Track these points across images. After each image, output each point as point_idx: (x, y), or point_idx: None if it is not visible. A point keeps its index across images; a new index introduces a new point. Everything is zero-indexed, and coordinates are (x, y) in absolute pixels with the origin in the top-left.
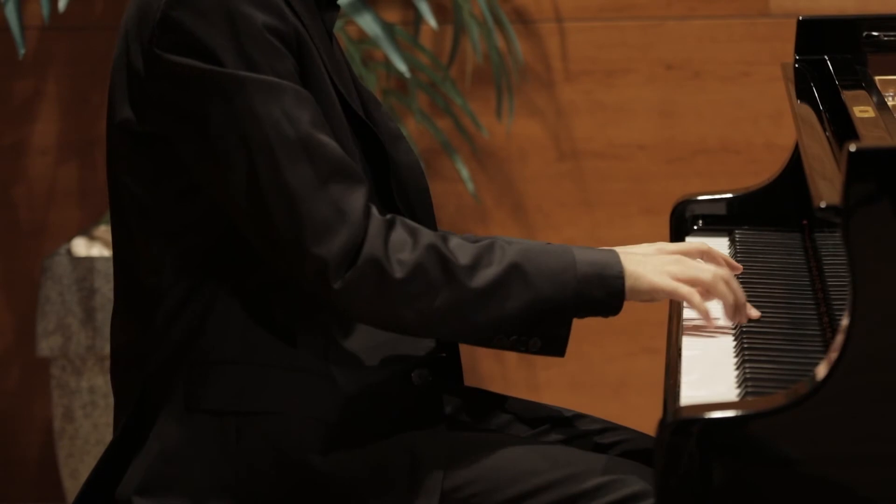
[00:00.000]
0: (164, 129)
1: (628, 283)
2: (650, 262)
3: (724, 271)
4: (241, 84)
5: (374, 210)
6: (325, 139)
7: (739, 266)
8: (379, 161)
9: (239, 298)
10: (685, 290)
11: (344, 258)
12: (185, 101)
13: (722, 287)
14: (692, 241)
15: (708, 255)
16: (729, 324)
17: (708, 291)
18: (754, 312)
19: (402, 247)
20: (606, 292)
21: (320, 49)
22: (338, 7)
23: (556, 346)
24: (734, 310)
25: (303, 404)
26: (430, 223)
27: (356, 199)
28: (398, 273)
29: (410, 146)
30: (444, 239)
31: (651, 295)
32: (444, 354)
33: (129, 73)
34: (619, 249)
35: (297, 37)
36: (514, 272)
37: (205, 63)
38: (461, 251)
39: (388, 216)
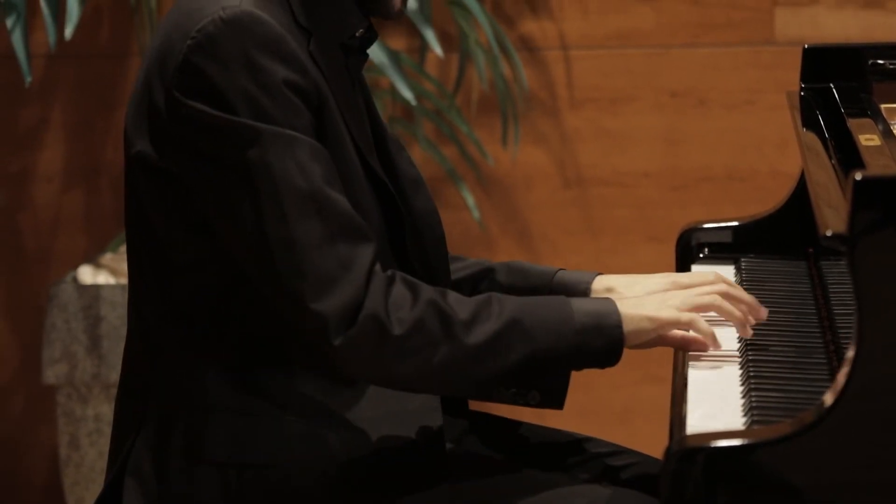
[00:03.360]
0: (179, 167)
1: (627, 327)
2: (649, 302)
3: (720, 287)
4: (257, 134)
5: (378, 268)
6: (336, 195)
7: (763, 310)
8: (395, 212)
9: (242, 343)
10: (686, 316)
11: (344, 315)
12: (200, 144)
13: (726, 305)
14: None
15: (728, 297)
16: (735, 348)
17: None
18: (763, 312)
19: (403, 303)
20: (605, 342)
21: (340, 103)
22: (366, 55)
23: (555, 398)
24: (743, 322)
25: (304, 455)
26: (445, 272)
27: (362, 257)
28: (397, 330)
29: (429, 193)
30: (444, 294)
31: (653, 332)
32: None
33: (149, 108)
34: (629, 279)
35: (318, 92)
36: (513, 326)
37: (221, 111)
38: (460, 306)
39: (389, 272)
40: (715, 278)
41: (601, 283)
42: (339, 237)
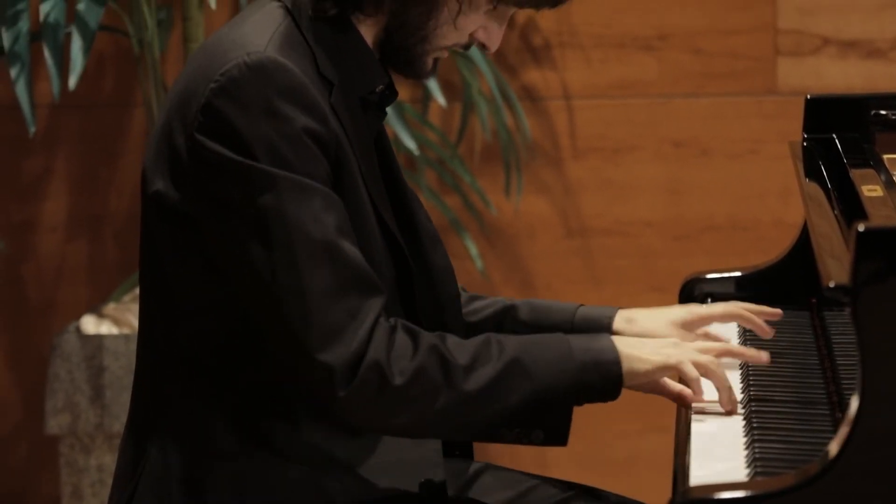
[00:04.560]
0: (195, 208)
1: (625, 365)
2: (647, 345)
3: (725, 348)
4: (273, 180)
5: (382, 319)
6: (349, 246)
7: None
8: (405, 267)
9: (247, 391)
10: (675, 359)
11: (349, 366)
12: (216, 187)
13: (720, 372)
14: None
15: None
16: (738, 399)
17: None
18: (765, 356)
19: (404, 352)
20: (604, 378)
21: (358, 156)
22: (384, 111)
23: (558, 436)
24: (725, 395)
25: (305, 502)
26: (459, 329)
27: (370, 309)
28: (398, 380)
29: (445, 250)
30: (444, 339)
31: (649, 375)
32: (457, 453)
33: (168, 149)
34: (651, 310)
35: (337, 142)
36: (514, 367)
37: (240, 155)
38: (460, 350)
39: (392, 321)
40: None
41: (623, 316)
42: (348, 288)
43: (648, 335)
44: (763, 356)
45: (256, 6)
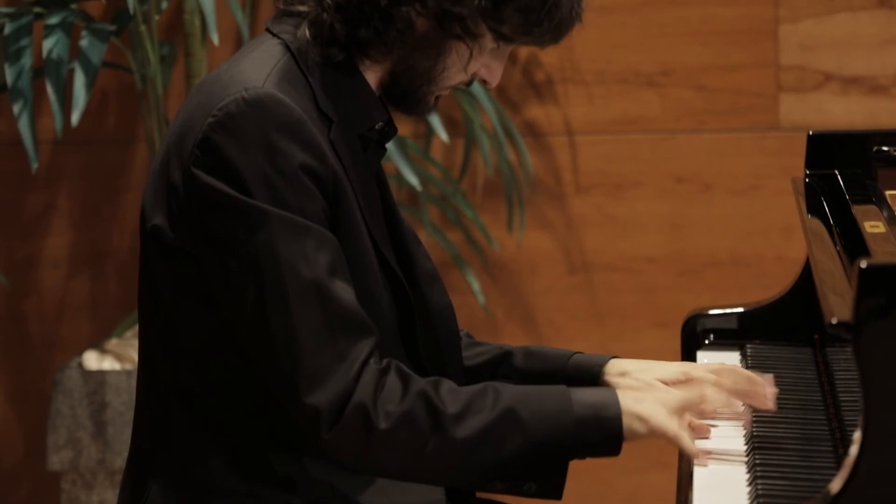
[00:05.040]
0: (192, 244)
1: (626, 422)
2: (649, 399)
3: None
4: (267, 217)
5: (373, 361)
6: (340, 287)
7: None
8: (406, 304)
9: (248, 426)
10: (672, 430)
11: (334, 408)
12: (212, 222)
13: (718, 400)
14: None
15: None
16: (741, 435)
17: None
18: (770, 392)
19: (392, 396)
20: (604, 435)
21: (357, 193)
22: (384, 148)
23: (552, 489)
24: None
25: None
26: (458, 367)
27: (359, 351)
28: (383, 424)
29: (444, 288)
30: (436, 385)
31: (646, 434)
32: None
33: (167, 184)
34: (643, 364)
35: (334, 179)
36: (508, 417)
37: (235, 191)
38: (451, 398)
39: (384, 363)
40: (730, 381)
41: (615, 367)
42: (338, 330)
43: None
44: (769, 403)
45: (255, 43)
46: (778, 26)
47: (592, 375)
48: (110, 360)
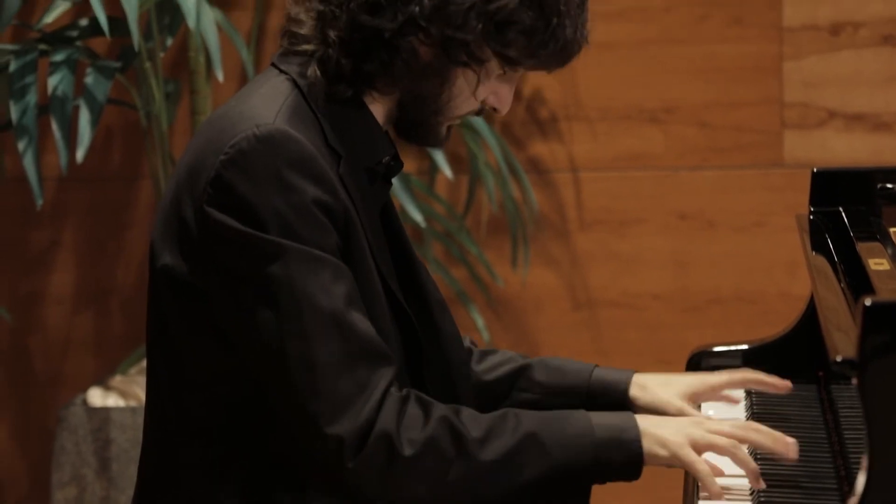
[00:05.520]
0: (204, 281)
1: (646, 445)
2: (670, 425)
3: (742, 434)
4: (283, 251)
5: (393, 389)
6: (358, 317)
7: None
8: (413, 337)
9: (256, 462)
10: (703, 468)
11: (357, 437)
12: (226, 258)
13: (741, 454)
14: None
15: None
16: (746, 486)
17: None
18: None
19: (415, 423)
20: (625, 457)
21: (366, 227)
22: (390, 182)
23: None
24: (756, 475)
25: None
26: (468, 394)
27: (379, 380)
28: (407, 451)
29: (453, 317)
30: (457, 411)
31: (670, 462)
32: None
33: (178, 222)
34: (663, 377)
35: (346, 214)
36: (529, 441)
37: (249, 227)
38: (473, 423)
39: (404, 392)
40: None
41: (636, 382)
42: (358, 359)
43: (659, 404)
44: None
45: (262, 79)
46: (782, 63)
47: (617, 392)
48: (115, 396)
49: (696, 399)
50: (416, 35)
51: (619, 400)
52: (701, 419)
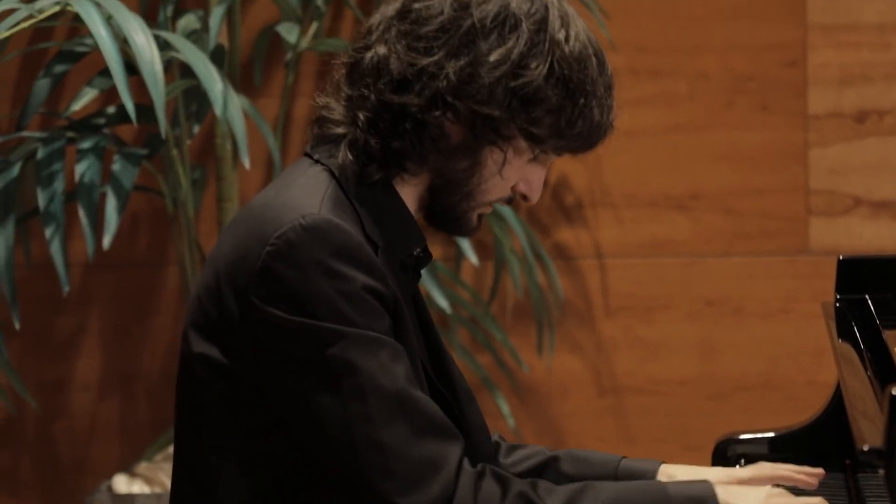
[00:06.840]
0: (251, 370)
1: (722, 501)
2: (749, 497)
3: None
4: (340, 335)
5: (466, 463)
6: (420, 395)
7: None
8: (453, 421)
9: None
10: None
11: None
12: (279, 347)
13: None
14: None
15: None
16: None
17: None
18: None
19: (492, 498)
20: None
21: (406, 316)
22: (419, 274)
23: None
24: None
25: None
26: None
27: (450, 454)
28: None
29: (479, 407)
30: (534, 485)
31: None
32: None
33: (218, 311)
34: (692, 470)
35: (395, 300)
36: None
37: (301, 316)
38: (551, 497)
39: (479, 467)
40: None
41: (665, 473)
42: (426, 436)
43: None
44: None
45: (298, 170)
46: (807, 150)
47: (644, 479)
48: (140, 483)
49: None
50: (443, 111)
51: None
52: (776, 492)
